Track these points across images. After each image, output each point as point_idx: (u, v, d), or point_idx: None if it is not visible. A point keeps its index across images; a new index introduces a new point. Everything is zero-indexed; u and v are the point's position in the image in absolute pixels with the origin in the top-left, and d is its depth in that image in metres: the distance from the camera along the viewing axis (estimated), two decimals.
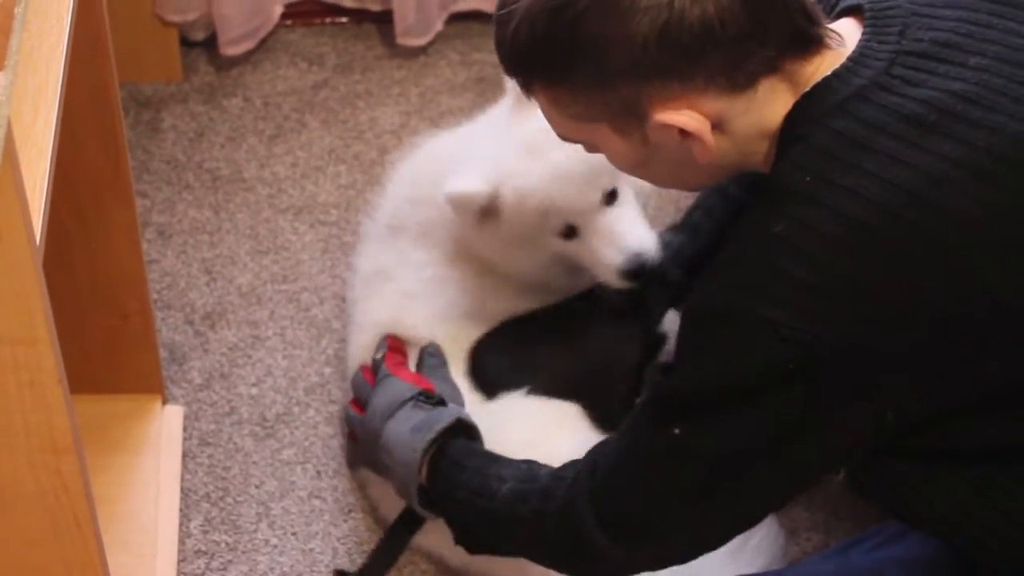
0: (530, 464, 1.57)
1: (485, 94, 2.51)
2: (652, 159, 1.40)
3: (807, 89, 1.34)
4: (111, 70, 1.69)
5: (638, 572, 1.51)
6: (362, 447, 1.83)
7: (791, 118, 1.34)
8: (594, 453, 1.48)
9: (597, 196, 1.78)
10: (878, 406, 1.30)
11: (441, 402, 1.75)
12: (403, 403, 1.74)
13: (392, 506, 1.86)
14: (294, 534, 1.92)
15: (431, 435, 1.67)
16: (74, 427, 1.28)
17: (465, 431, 1.70)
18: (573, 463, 1.51)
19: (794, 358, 1.27)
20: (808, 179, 1.29)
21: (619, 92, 1.34)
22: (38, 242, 1.19)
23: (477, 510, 1.57)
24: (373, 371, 1.86)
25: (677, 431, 1.36)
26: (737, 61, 1.32)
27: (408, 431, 1.70)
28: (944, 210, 1.27)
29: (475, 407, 1.82)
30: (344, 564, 1.89)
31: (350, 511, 1.95)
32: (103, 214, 1.81)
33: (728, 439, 1.34)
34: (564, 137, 1.45)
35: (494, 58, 1.45)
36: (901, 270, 1.27)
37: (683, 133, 1.34)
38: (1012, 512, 1.35)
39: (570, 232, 1.80)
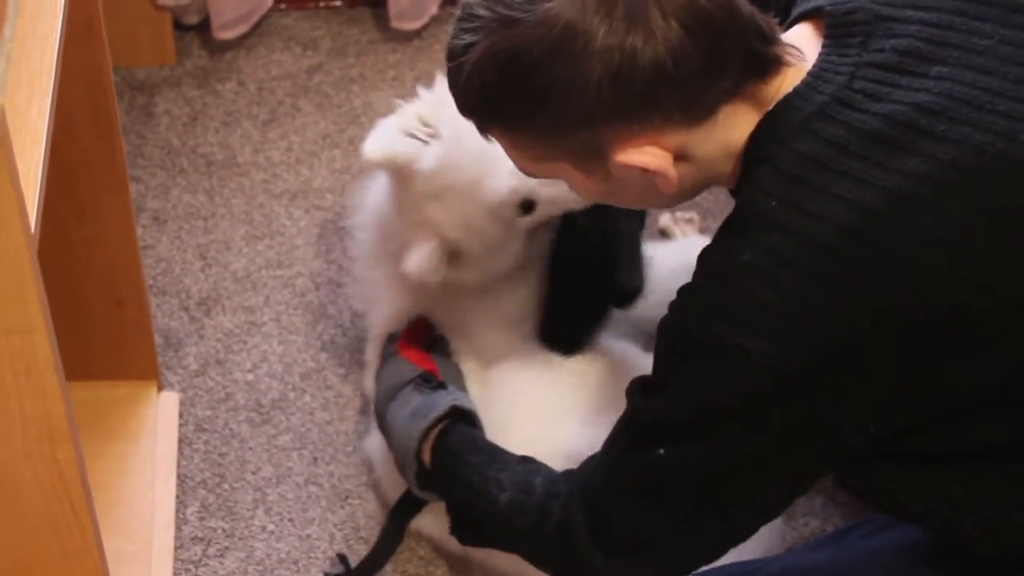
0: (527, 468, 1.56)
1: None
2: (617, 191, 1.40)
3: (770, 108, 1.32)
4: (105, 55, 1.68)
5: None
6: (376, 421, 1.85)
7: (755, 138, 1.33)
8: (583, 472, 1.48)
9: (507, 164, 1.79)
10: (859, 421, 1.30)
11: (441, 385, 1.75)
12: (404, 385, 1.75)
13: (393, 487, 1.86)
14: (291, 520, 1.92)
15: (426, 423, 1.67)
16: (70, 416, 1.28)
17: (462, 417, 1.70)
18: (566, 476, 1.50)
19: (771, 383, 1.27)
20: (774, 204, 1.28)
21: (578, 136, 1.32)
22: (33, 230, 1.18)
23: (478, 511, 1.57)
24: (390, 344, 1.87)
25: (662, 451, 1.36)
26: (694, 97, 1.30)
27: (406, 416, 1.71)
28: (910, 229, 1.25)
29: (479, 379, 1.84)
30: (341, 550, 1.88)
31: (347, 497, 1.95)
32: (98, 200, 1.81)
33: (713, 459, 1.34)
34: (527, 173, 1.43)
35: None
36: (870, 292, 1.26)
37: (645, 170, 1.33)
38: (1003, 507, 1.35)
39: (525, 207, 1.77)
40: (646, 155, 1.31)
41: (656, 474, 1.37)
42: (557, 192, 1.74)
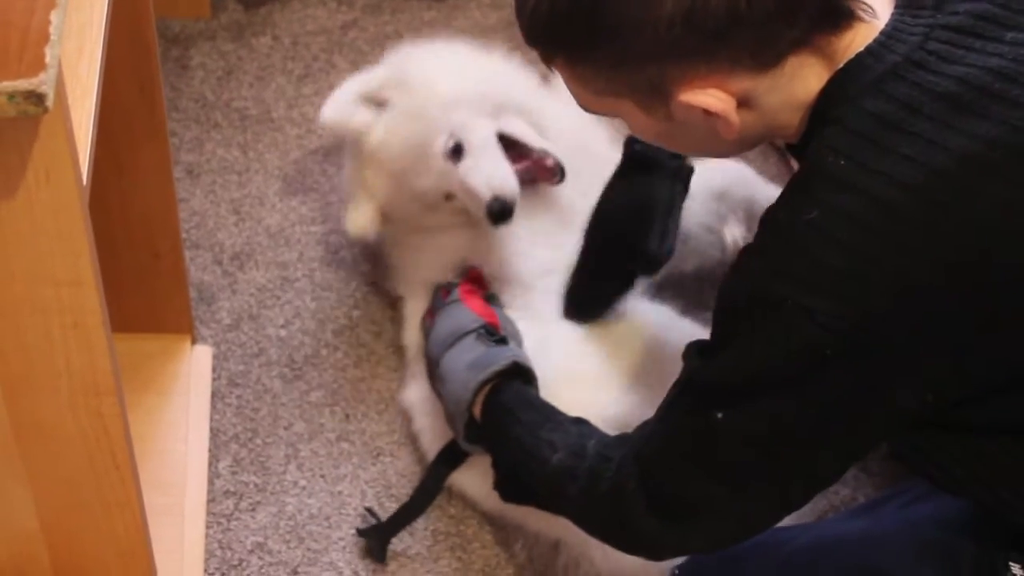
0: (580, 430, 1.55)
1: (516, 37, 2.47)
2: (676, 133, 1.38)
3: (841, 65, 1.31)
4: (148, 7, 1.68)
5: (690, 553, 1.52)
6: (426, 371, 1.85)
7: (825, 96, 1.32)
8: (638, 437, 1.47)
9: (439, 162, 1.90)
10: (917, 388, 1.29)
11: (503, 340, 1.75)
12: (465, 334, 1.75)
13: (433, 439, 1.86)
14: (322, 476, 1.93)
15: (484, 376, 1.67)
16: (116, 370, 1.28)
17: (521, 375, 1.69)
18: (619, 441, 1.50)
19: (831, 344, 1.26)
20: (842, 163, 1.27)
21: (643, 72, 1.31)
22: (85, 183, 1.18)
23: (527, 471, 1.57)
24: (446, 292, 1.87)
25: (720, 415, 1.35)
26: (764, 41, 1.29)
27: (464, 367, 1.70)
28: (979, 192, 1.25)
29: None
30: (372, 507, 1.89)
31: (378, 454, 1.95)
32: (136, 153, 1.80)
33: (771, 423, 1.33)
34: (586, 109, 1.42)
35: None
36: (936, 255, 1.25)
37: (707, 112, 1.32)
38: None
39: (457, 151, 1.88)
40: (710, 97, 1.30)
41: (713, 439, 1.36)
42: (474, 184, 1.85)
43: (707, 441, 1.37)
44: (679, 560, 1.63)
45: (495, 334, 1.75)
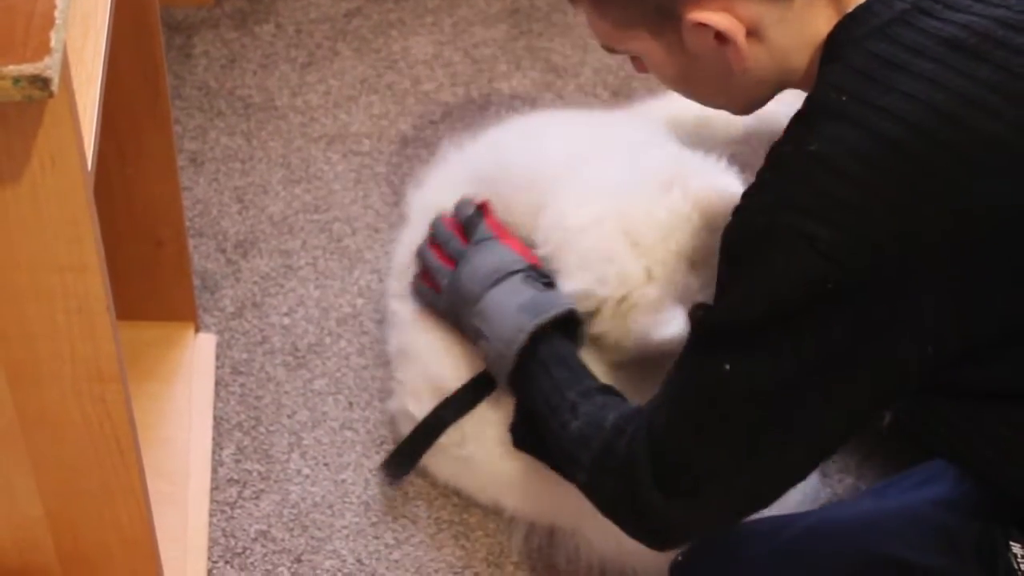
0: (605, 400, 1.55)
1: (519, 25, 2.49)
2: (693, 71, 1.40)
3: (849, 10, 1.34)
4: None
5: (694, 531, 1.51)
6: (445, 297, 1.80)
7: (831, 39, 1.34)
8: (649, 409, 1.47)
9: None
10: (916, 336, 1.30)
11: (551, 284, 1.73)
12: (511, 273, 1.72)
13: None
14: (326, 464, 1.93)
15: (541, 320, 1.65)
16: (120, 356, 1.28)
17: (574, 324, 1.68)
18: (636, 414, 1.49)
19: (833, 276, 1.27)
20: (844, 98, 1.29)
21: None
22: (89, 168, 1.18)
23: (546, 429, 1.57)
24: (464, 226, 1.83)
25: (727, 367, 1.34)
26: None
27: (515, 307, 1.68)
28: (977, 132, 1.27)
29: None
30: (375, 495, 1.89)
31: (382, 443, 1.95)
32: (140, 140, 1.80)
33: (776, 370, 1.33)
34: (609, 48, 1.45)
35: None
36: (934, 190, 1.27)
37: (718, 37, 1.34)
38: None
39: None
40: (719, 15, 1.33)
41: (718, 395, 1.36)
42: None
43: (712, 398, 1.37)
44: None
45: (544, 276, 1.73)
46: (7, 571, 1.43)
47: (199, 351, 1.99)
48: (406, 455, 1.85)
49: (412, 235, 1.94)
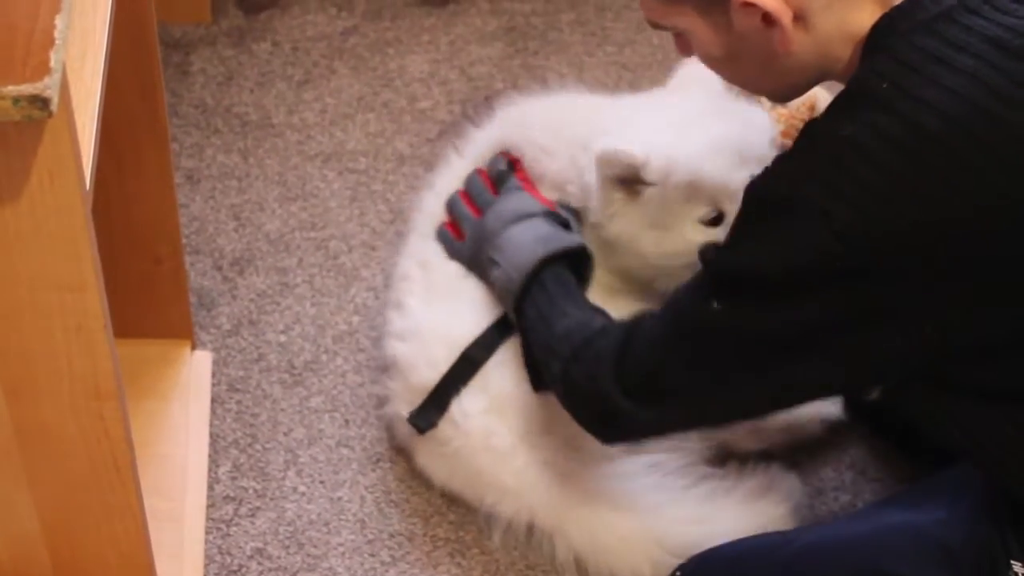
0: (597, 309, 1.62)
1: (515, 44, 2.49)
2: (738, 52, 1.43)
3: (897, 3, 1.36)
4: (151, 12, 1.68)
5: (643, 434, 1.60)
6: (469, 243, 1.85)
7: (876, 30, 1.36)
8: (636, 318, 1.54)
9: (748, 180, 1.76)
10: (917, 319, 1.33)
11: (568, 227, 1.78)
12: (532, 215, 1.78)
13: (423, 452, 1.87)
14: (322, 482, 1.93)
15: (552, 248, 1.70)
16: (117, 374, 1.28)
17: (584, 261, 1.73)
18: (623, 322, 1.56)
19: (843, 256, 1.30)
20: (885, 86, 1.32)
21: None
22: (88, 187, 1.18)
23: (536, 336, 1.63)
24: (495, 180, 1.89)
25: (716, 306, 1.40)
26: None
27: (531, 239, 1.73)
28: (1012, 129, 1.29)
29: None
30: (371, 513, 1.89)
31: (378, 460, 1.95)
32: (138, 157, 1.80)
33: (767, 327, 1.38)
34: (654, 23, 1.47)
35: (524, 7, 1.47)
36: (964, 185, 1.29)
37: (765, 19, 1.36)
38: None
39: (717, 220, 1.74)
40: None
41: (703, 326, 1.42)
42: None
43: (698, 328, 1.43)
44: (681, 560, 1.64)
45: (563, 221, 1.78)
46: None
47: (195, 369, 2.00)
48: (435, 402, 1.85)
49: (415, 244, 1.96)
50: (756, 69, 1.46)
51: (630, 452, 1.83)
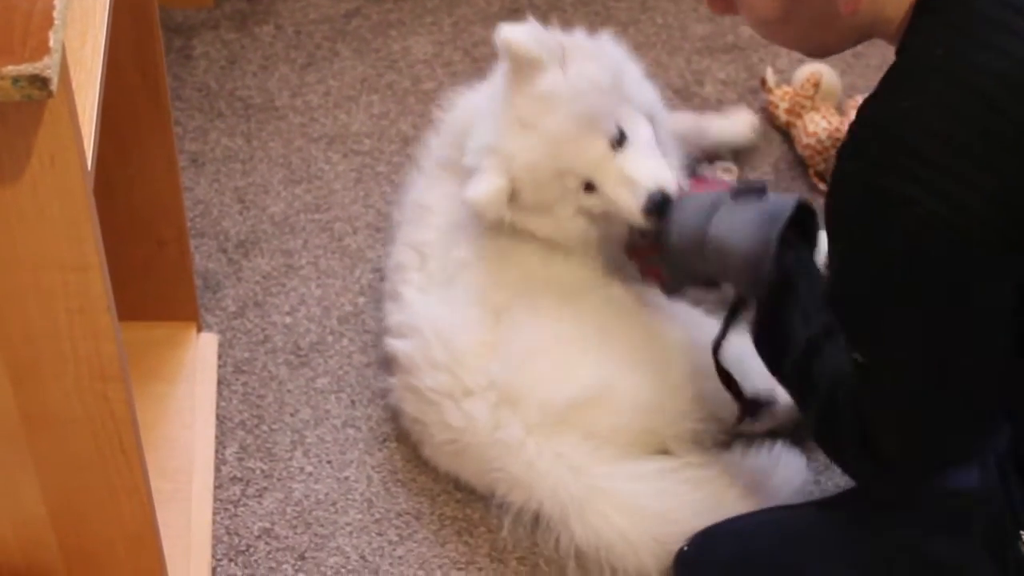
0: (830, 352, 1.55)
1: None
2: (794, 14, 1.41)
3: None
4: None
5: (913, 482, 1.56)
6: (674, 268, 1.79)
7: None
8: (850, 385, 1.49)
9: (603, 144, 1.78)
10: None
11: (763, 189, 1.72)
12: (719, 203, 1.71)
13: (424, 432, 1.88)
14: (329, 462, 1.93)
15: (781, 224, 1.62)
16: (121, 355, 1.29)
17: (808, 215, 1.67)
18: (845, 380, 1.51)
19: (933, 235, 1.29)
20: (939, 52, 1.30)
21: None
22: (89, 167, 1.18)
23: (783, 354, 1.58)
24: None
25: (857, 357, 1.40)
26: None
27: (746, 223, 1.66)
28: None
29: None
30: (378, 492, 1.89)
31: (384, 440, 1.96)
32: (141, 140, 1.81)
33: (899, 343, 1.37)
34: None
35: None
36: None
37: None
38: None
39: (590, 186, 1.80)
40: None
41: (864, 379, 1.42)
42: (635, 173, 1.77)
43: (865, 383, 1.42)
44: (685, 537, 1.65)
45: (750, 187, 1.72)
46: (12, 569, 1.44)
47: (201, 351, 2.00)
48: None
49: (409, 231, 1.97)
50: (808, 29, 1.44)
51: (638, 453, 1.84)
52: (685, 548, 1.66)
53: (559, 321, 1.85)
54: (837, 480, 1.91)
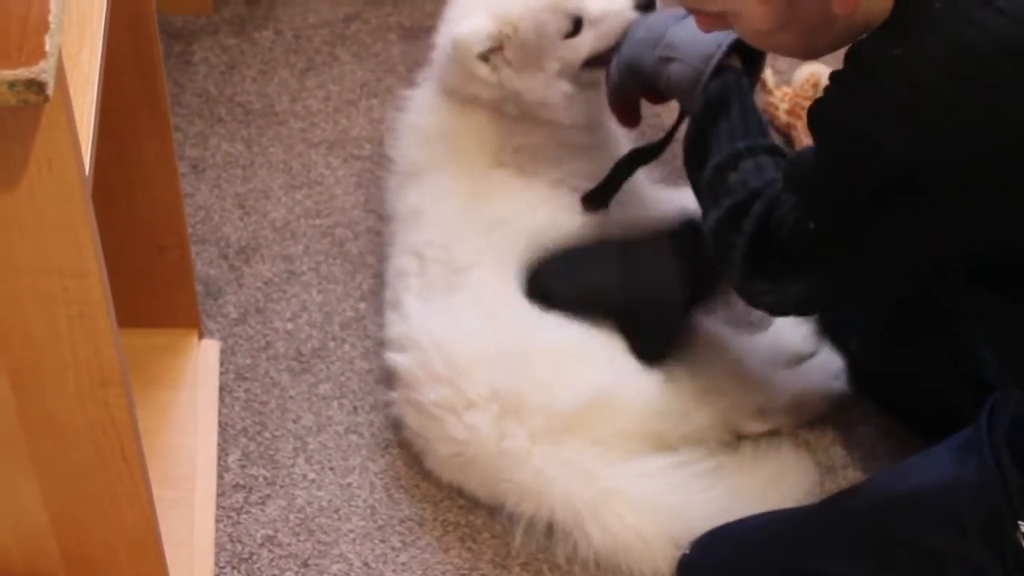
0: (762, 163, 1.62)
1: None
2: (789, 22, 1.42)
3: None
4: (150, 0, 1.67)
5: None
6: (622, 66, 1.83)
7: None
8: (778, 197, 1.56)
9: None
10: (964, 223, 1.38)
11: None
12: (687, 16, 1.75)
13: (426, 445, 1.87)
14: (331, 469, 1.92)
15: (727, 45, 1.68)
16: (121, 360, 1.28)
17: (757, 53, 1.71)
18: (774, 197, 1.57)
19: (896, 179, 1.34)
20: (937, 6, 1.31)
21: None
22: (87, 172, 1.18)
23: (707, 162, 1.64)
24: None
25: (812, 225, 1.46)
26: None
27: (699, 37, 1.69)
28: None
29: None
30: (381, 499, 1.89)
31: (387, 446, 1.95)
32: (140, 146, 1.80)
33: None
34: (695, 7, 1.48)
35: None
36: (1012, 104, 1.29)
37: None
38: None
39: (577, 25, 1.85)
40: None
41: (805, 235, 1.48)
42: (603, 19, 1.85)
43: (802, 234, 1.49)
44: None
45: None
46: None
47: (203, 357, 1.99)
48: (606, 188, 1.91)
49: (406, 236, 1.97)
50: (803, 35, 1.45)
51: (644, 451, 1.84)
52: (687, 552, 1.65)
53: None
54: (840, 482, 1.90)
